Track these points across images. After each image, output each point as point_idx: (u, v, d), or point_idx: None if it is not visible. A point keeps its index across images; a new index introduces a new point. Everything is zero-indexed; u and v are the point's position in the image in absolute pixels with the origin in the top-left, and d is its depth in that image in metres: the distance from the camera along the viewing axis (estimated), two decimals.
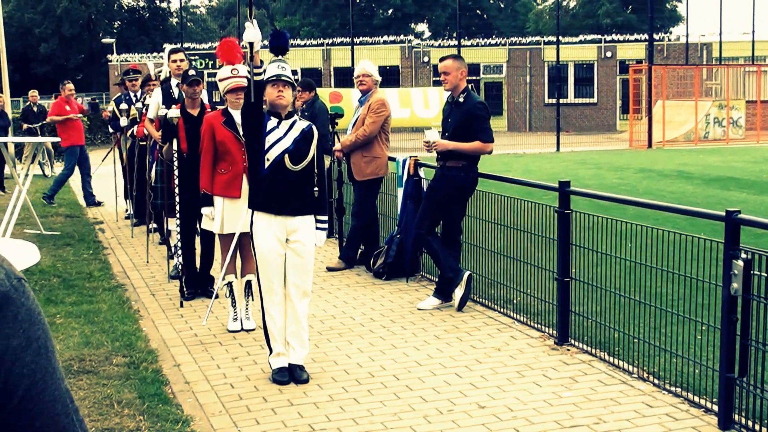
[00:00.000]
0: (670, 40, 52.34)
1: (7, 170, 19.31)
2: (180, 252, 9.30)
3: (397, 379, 6.76)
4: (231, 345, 7.69)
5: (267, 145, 6.62)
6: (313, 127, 6.88)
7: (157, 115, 10.24)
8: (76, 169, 17.75)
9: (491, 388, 6.54)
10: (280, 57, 6.82)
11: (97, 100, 48.76)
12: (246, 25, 6.56)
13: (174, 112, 9.16)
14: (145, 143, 12.03)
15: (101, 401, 6.22)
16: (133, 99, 14.17)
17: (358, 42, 42.45)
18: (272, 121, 6.71)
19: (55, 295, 9.41)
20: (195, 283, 9.51)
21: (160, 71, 11.60)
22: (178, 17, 66.36)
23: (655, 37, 41.94)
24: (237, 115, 7.98)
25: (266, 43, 6.93)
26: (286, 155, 6.60)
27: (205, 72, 37.88)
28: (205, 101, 9.68)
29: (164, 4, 73.33)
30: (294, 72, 7.65)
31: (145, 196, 12.66)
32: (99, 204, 17.67)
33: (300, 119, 6.88)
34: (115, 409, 6.07)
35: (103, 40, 58.77)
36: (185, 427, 5.81)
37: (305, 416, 6.02)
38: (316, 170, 6.77)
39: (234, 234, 8.11)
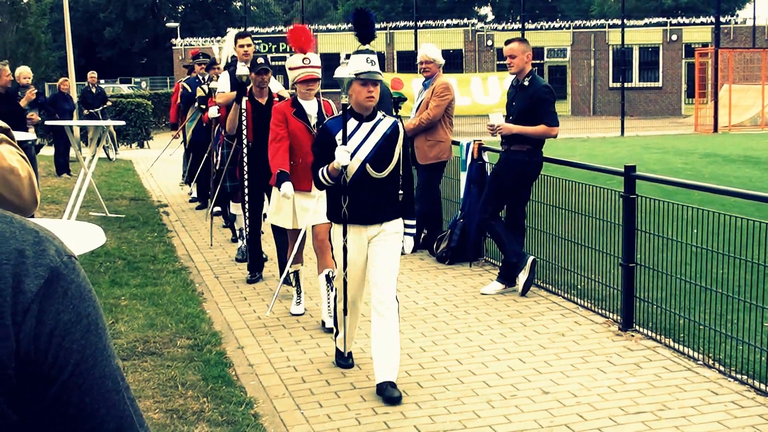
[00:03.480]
0: (736, 22, 51.47)
1: (72, 153, 19.57)
2: (246, 236, 9.34)
3: (461, 363, 6.75)
4: (294, 328, 7.74)
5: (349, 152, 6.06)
6: (399, 124, 6.25)
7: (224, 99, 10.12)
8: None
9: (555, 373, 6.51)
10: (367, 47, 6.16)
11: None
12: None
13: (243, 70, 9.09)
14: (211, 127, 12.07)
15: (165, 383, 6.30)
16: (201, 82, 14.30)
17: (421, 26, 42.33)
18: (352, 123, 6.16)
19: (120, 277, 9.54)
20: (259, 266, 9.55)
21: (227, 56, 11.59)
22: (241, 1, 66.77)
23: (722, 19, 41.25)
24: (308, 106, 7.71)
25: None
26: (368, 164, 6.07)
27: (269, 56, 38.01)
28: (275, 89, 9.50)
29: None
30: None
31: (209, 180, 12.79)
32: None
33: (384, 116, 6.26)
34: (179, 391, 6.14)
35: (167, 24, 59.48)
36: (249, 409, 5.86)
37: (368, 400, 6.04)
38: (401, 171, 6.18)
39: (298, 231, 7.90)
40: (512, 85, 8.92)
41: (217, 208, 13.68)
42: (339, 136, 6.07)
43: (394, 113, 10.96)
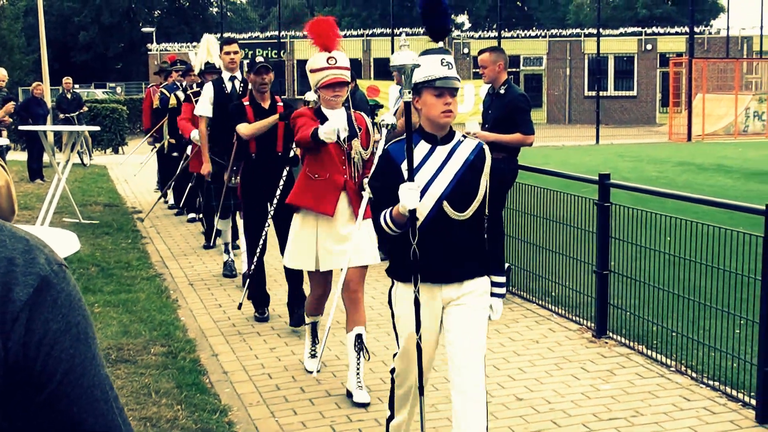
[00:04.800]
0: (710, 33, 51.83)
1: (46, 159, 19.47)
2: (244, 268, 8.66)
3: (435, 370, 6.74)
4: (269, 335, 7.73)
5: (420, 188, 4.44)
6: (485, 147, 4.68)
7: (207, 110, 9.51)
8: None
9: (529, 380, 6.53)
10: (441, 46, 4.69)
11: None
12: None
13: (311, 95, 7.08)
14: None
15: (139, 390, 6.27)
16: (179, 88, 14.25)
17: (398, 33, 42.32)
18: (422, 147, 4.59)
19: (94, 284, 9.49)
20: (266, 301, 8.28)
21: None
22: (218, 7, 66.63)
23: (696, 30, 41.56)
24: (335, 117, 6.11)
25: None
26: (445, 202, 4.51)
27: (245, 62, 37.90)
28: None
29: None
30: None
31: (186, 186, 12.80)
32: None
33: (464, 137, 4.73)
34: (153, 399, 6.11)
35: (143, 29, 59.17)
36: (223, 416, 5.85)
37: (342, 407, 6.04)
38: (487, 211, 4.64)
39: (329, 272, 6.43)
40: (488, 93, 8.95)
41: (192, 215, 13.66)
42: (404, 166, 4.47)
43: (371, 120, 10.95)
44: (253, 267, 8.09)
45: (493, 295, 4.68)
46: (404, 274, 4.56)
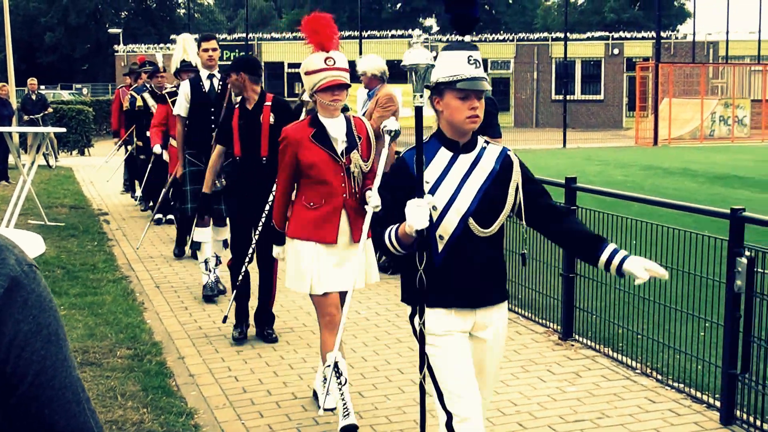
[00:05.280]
0: (677, 38, 52.29)
1: (11, 160, 19.30)
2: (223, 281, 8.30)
3: (402, 373, 6.77)
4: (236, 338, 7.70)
5: (440, 205, 3.95)
6: (510, 153, 4.15)
7: (187, 110, 9.19)
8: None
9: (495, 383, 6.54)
10: (468, 39, 4.08)
11: None
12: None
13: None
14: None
15: (105, 393, 6.23)
16: (148, 89, 14.17)
17: (366, 36, 42.41)
18: (442, 155, 4.03)
19: (59, 287, 9.41)
20: (246, 321, 7.74)
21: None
22: (185, 8, 66.39)
23: (663, 34, 41.87)
24: (333, 126, 5.66)
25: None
26: (471, 218, 3.98)
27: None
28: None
29: None
30: (299, 65, 6.54)
31: (158, 184, 12.70)
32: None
33: (487, 143, 4.16)
34: (119, 402, 6.08)
35: (110, 31, 58.82)
36: (189, 419, 5.83)
37: (309, 410, 6.03)
38: (525, 219, 4.13)
39: (332, 293, 5.73)
40: None
41: (159, 216, 13.58)
42: (428, 176, 3.95)
43: None
44: (231, 278, 7.66)
45: (626, 258, 4.07)
46: (423, 301, 4.01)
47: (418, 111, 3.91)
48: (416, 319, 4.08)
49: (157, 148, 11.39)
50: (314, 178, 5.65)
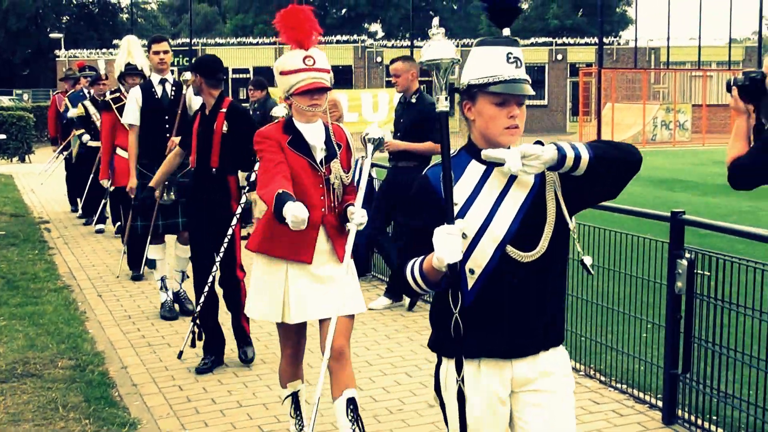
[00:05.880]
0: (619, 44, 52.96)
1: None
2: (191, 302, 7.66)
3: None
4: (179, 346, 7.62)
5: (471, 232, 3.23)
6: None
7: (137, 118, 8.62)
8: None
9: None
10: (506, 35, 3.38)
11: None
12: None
13: (280, 110, 6.49)
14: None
15: (46, 405, 6.14)
16: (86, 97, 13.99)
17: None
18: (473, 170, 3.32)
19: None
20: (218, 347, 7.12)
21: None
22: (128, 13, 65.82)
23: (605, 41, 42.35)
24: (310, 132, 5.00)
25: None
26: (509, 245, 3.23)
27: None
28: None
29: (114, 0, 72.65)
30: (245, 71, 6.42)
31: (98, 196, 12.52)
32: None
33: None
34: (60, 413, 5.99)
35: (51, 35, 58.14)
36: (132, 430, 5.76)
37: (254, 418, 6.00)
38: (561, 248, 3.38)
39: (304, 323, 5.21)
40: (400, 102, 8.98)
41: (100, 225, 13.41)
42: (457, 197, 3.22)
43: None
44: (201, 303, 6.95)
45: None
46: (446, 348, 3.40)
47: (444, 117, 3.23)
48: (445, 372, 3.44)
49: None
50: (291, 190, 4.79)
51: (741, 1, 56.44)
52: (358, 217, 4.73)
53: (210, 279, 6.89)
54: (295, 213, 4.36)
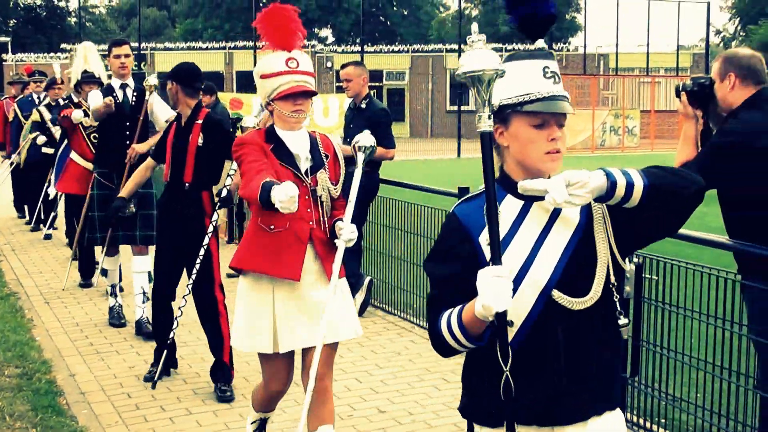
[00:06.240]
0: (568, 50, 53.37)
1: None
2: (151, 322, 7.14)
3: (297, 385, 6.70)
4: (128, 354, 7.57)
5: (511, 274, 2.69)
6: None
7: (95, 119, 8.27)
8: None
9: (391, 392, 6.56)
10: (542, 47, 2.93)
11: None
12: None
13: (250, 120, 6.89)
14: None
15: None
16: (36, 102, 13.80)
17: (261, 46, 42.25)
18: (509, 206, 2.87)
19: None
20: (167, 362, 6.76)
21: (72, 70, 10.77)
22: (76, 17, 65.16)
23: (555, 47, 42.68)
24: (293, 141, 4.68)
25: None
26: (555, 290, 2.79)
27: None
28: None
29: (62, 3, 71.81)
30: None
31: (48, 204, 12.32)
32: None
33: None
34: (7, 422, 5.91)
35: None
36: None
37: (204, 425, 5.97)
38: (615, 292, 2.88)
39: (292, 355, 4.82)
40: (350, 107, 8.99)
41: (49, 231, 13.26)
42: (485, 238, 2.78)
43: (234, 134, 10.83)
44: (152, 318, 6.85)
45: None
46: (491, 416, 2.88)
47: (488, 138, 2.67)
48: None
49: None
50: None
51: (688, 8, 57.13)
52: (347, 233, 4.40)
53: (170, 294, 6.69)
54: (284, 190, 4.06)
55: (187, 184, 6.51)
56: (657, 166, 2.83)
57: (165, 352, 6.64)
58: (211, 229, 6.42)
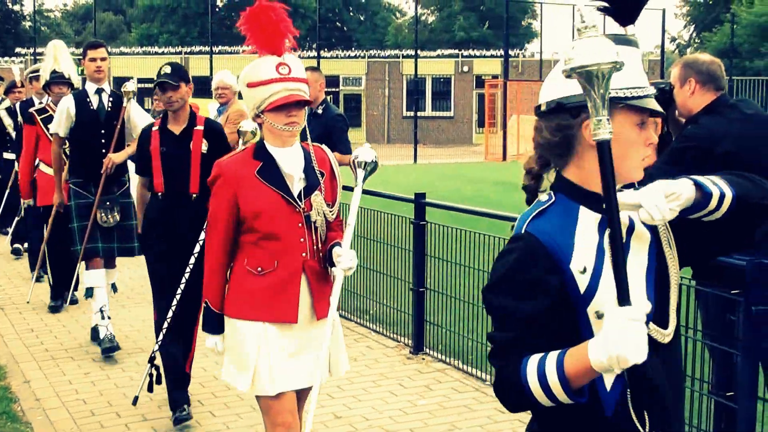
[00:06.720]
0: (524, 56, 53.69)
1: None
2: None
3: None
4: (83, 360, 7.53)
5: (608, 305, 2.24)
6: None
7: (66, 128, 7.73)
8: None
9: (347, 398, 6.58)
10: (631, 34, 2.44)
11: None
12: None
13: (249, 125, 5.87)
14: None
15: None
16: None
17: (217, 51, 42.12)
18: (587, 222, 2.38)
19: None
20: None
21: (34, 74, 10.54)
22: (31, 21, 64.52)
23: (511, 53, 42.92)
24: (285, 158, 4.20)
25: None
26: (651, 323, 2.33)
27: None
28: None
29: (17, 7, 71.14)
30: (150, 80, 6.09)
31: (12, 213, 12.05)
32: None
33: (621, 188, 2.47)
34: None
35: None
36: None
37: (159, 431, 5.95)
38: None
39: (288, 393, 4.22)
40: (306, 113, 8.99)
41: (17, 245, 12.86)
42: (577, 266, 2.32)
43: None
44: (159, 342, 6.07)
45: None
46: None
47: (602, 148, 2.18)
48: None
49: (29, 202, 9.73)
50: (262, 232, 4.09)
51: (644, 15, 57.51)
52: (346, 260, 4.05)
53: (171, 313, 5.99)
54: (210, 344, 4.20)
55: (194, 195, 6.03)
56: (735, 172, 2.44)
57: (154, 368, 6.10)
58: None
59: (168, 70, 6.12)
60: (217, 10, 61.77)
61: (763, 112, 5.28)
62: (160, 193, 6.03)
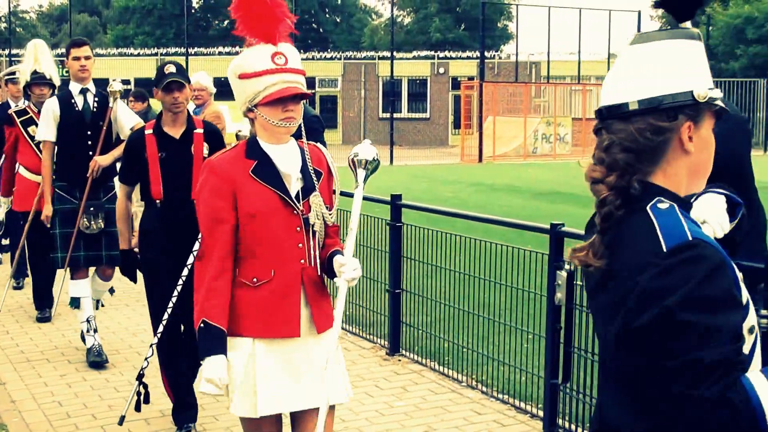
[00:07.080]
0: (500, 58, 53.88)
1: None
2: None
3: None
4: (59, 362, 7.48)
5: (747, 325, 2.00)
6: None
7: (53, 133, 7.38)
8: None
9: None
10: (694, 30, 2.17)
11: None
12: None
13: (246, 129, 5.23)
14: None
15: None
16: None
17: (193, 53, 41.98)
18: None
19: None
20: (186, 412, 5.94)
21: (11, 76, 10.25)
22: (6, 22, 64.11)
23: (487, 55, 42.99)
24: (281, 156, 3.79)
25: None
26: None
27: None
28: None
29: None
30: (126, 82, 5.97)
31: None
32: None
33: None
34: None
35: None
36: None
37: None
38: None
39: (279, 418, 3.90)
40: None
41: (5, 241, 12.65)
42: (740, 276, 2.07)
43: None
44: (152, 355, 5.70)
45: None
46: None
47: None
48: None
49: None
50: (257, 237, 3.71)
51: (619, 17, 58.03)
52: (349, 270, 3.70)
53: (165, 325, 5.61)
54: (215, 375, 3.57)
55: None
56: (718, 184, 2.39)
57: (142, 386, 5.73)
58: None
59: (173, 69, 5.73)
60: (192, 11, 61.57)
61: (740, 114, 5.30)
62: (158, 201, 5.62)
